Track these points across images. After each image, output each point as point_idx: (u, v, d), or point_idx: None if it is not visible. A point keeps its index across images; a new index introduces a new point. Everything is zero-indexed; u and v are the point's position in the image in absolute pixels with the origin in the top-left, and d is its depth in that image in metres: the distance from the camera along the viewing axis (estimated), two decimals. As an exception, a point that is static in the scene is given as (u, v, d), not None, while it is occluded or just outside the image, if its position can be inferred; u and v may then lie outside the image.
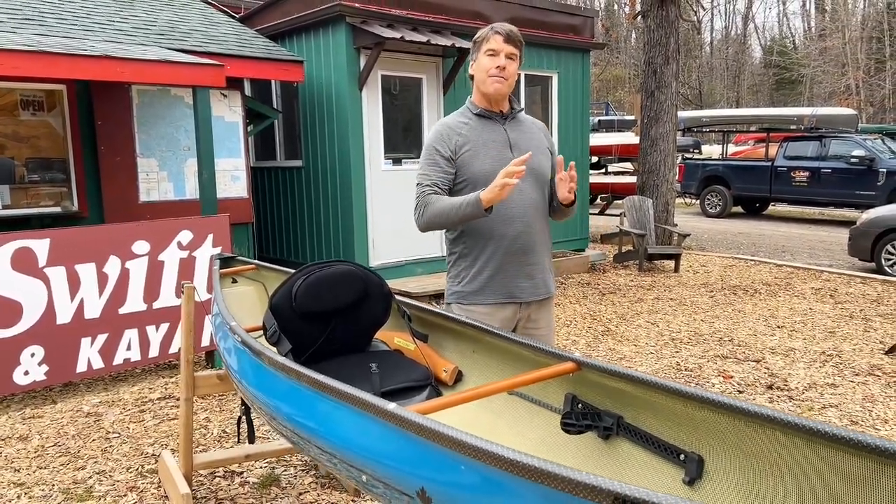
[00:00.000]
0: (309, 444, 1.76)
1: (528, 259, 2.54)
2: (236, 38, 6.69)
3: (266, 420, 2.15)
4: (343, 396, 1.56)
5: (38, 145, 5.80)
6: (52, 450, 3.69)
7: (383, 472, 1.46)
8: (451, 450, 1.30)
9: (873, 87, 27.56)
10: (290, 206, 7.92)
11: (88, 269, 4.40)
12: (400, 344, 2.64)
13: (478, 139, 2.55)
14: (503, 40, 2.45)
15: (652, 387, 1.56)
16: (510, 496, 1.18)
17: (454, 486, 1.29)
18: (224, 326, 2.47)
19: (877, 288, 7.95)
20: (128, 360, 4.61)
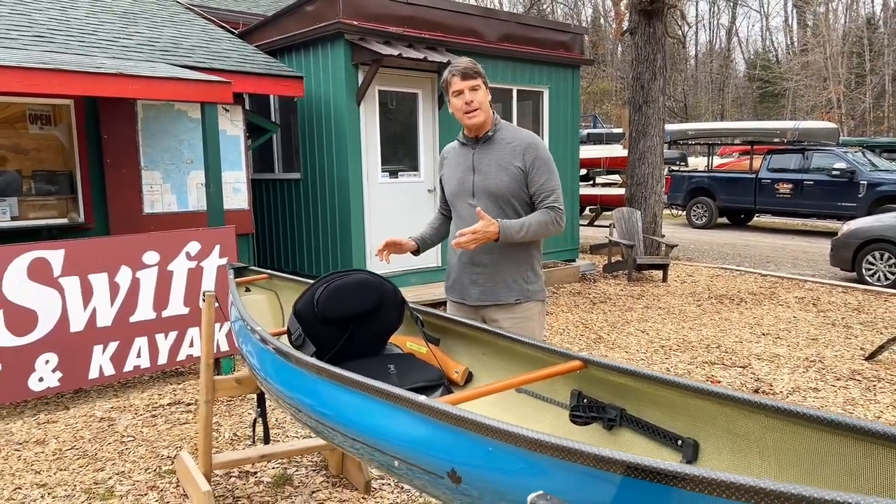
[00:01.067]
0: (339, 435, 1.93)
1: (476, 269, 2.87)
2: (238, 55, 6.87)
3: (291, 413, 2.33)
4: (378, 392, 1.74)
5: (45, 158, 5.94)
6: (69, 453, 3.83)
7: (415, 457, 1.64)
8: (479, 434, 1.48)
9: (854, 100, 28.18)
10: (288, 217, 8.08)
11: (101, 279, 4.54)
12: (412, 347, 2.82)
13: (451, 164, 3.00)
14: (461, 79, 2.72)
15: (652, 381, 1.75)
16: (534, 471, 1.36)
17: (482, 465, 1.47)
18: (249, 331, 2.64)
19: (858, 297, 8.22)
20: (137, 367, 4.75)
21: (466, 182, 2.87)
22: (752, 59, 39.52)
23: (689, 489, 1.15)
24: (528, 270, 2.87)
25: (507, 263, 2.83)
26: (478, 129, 2.82)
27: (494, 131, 2.85)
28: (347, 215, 7.19)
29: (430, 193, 7.89)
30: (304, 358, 2.06)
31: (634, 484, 1.22)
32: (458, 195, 2.91)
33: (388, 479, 3.50)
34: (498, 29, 8.31)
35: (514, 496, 1.40)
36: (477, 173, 2.84)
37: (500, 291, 2.83)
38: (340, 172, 7.21)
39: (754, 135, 17.61)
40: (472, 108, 2.72)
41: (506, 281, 2.83)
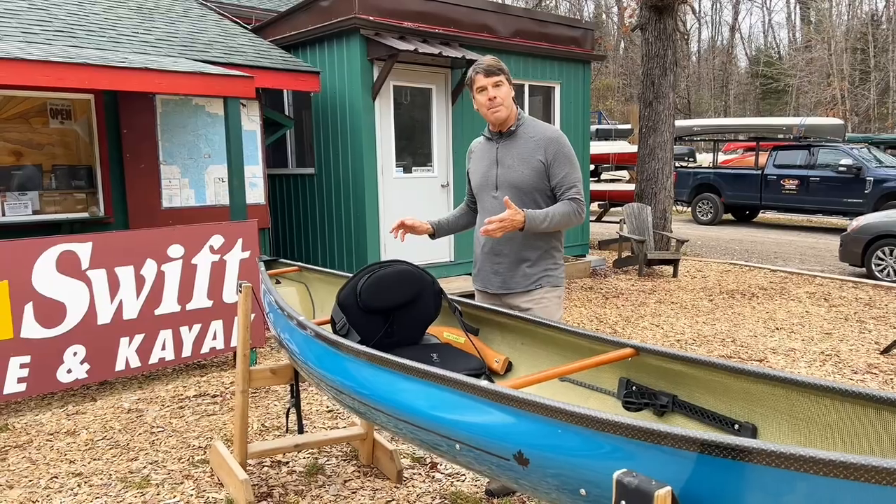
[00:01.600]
0: (393, 419, 1.97)
1: (497, 258, 3.02)
2: (254, 50, 6.90)
3: (333, 397, 2.37)
4: (441, 380, 1.79)
5: (64, 153, 5.97)
6: (101, 443, 3.88)
7: (479, 441, 1.69)
8: (547, 417, 1.53)
9: (858, 97, 28.19)
10: (302, 212, 8.12)
11: (127, 272, 4.59)
12: (449, 338, 2.86)
13: (477, 158, 3.14)
14: (484, 76, 2.87)
15: (707, 366, 1.79)
16: (604, 451, 1.41)
17: (551, 447, 1.52)
18: (294, 323, 2.68)
19: (868, 292, 8.26)
20: (162, 360, 4.80)
21: (490, 175, 3.00)
22: (755, 55, 39.52)
23: (763, 463, 1.18)
24: (548, 260, 3.00)
25: (528, 253, 2.96)
26: (501, 123, 2.94)
27: (517, 126, 2.96)
28: (362, 210, 7.23)
29: (444, 188, 7.93)
30: (363, 349, 2.09)
31: (710, 460, 1.26)
32: (483, 188, 3.03)
33: (419, 468, 3.54)
34: (511, 24, 8.33)
35: (585, 475, 1.44)
36: (500, 166, 2.96)
37: (519, 280, 2.96)
38: (355, 167, 7.24)
39: (760, 131, 17.65)
40: (495, 104, 2.86)
41: (525, 271, 2.95)
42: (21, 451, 3.79)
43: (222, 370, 5.20)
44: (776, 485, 1.18)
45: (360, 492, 3.31)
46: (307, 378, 2.73)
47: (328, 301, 3.74)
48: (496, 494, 3.25)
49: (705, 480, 1.24)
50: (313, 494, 3.27)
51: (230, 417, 4.24)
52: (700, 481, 1.24)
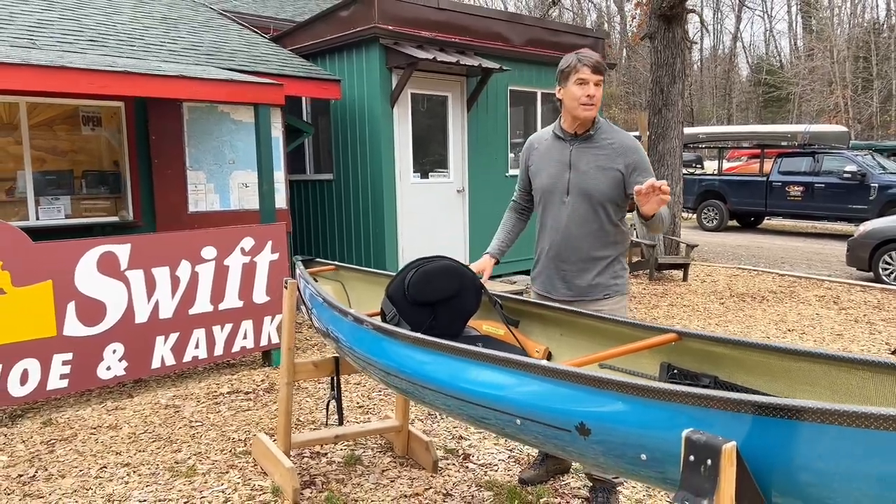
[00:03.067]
0: (450, 399, 2.11)
1: (564, 265, 2.99)
2: (276, 58, 7.08)
3: (382, 380, 2.52)
4: (503, 361, 1.94)
5: (95, 159, 6.15)
6: (143, 436, 4.02)
7: (541, 415, 1.83)
8: (608, 390, 1.68)
9: (861, 105, 28.42)
10: (320, 217, 8.28)
11: (163, 273, 4.74)
12: (489, 330, 3.01)
13: (544, 157, 3.06)
14: (591, 70, 2.80)
15: (748, 347, 1.94)
16: (664, 418, 1.55)
17: (612, 417, 1.66)
18: (340, 314, 2.83)
19: (876, 295, 8.40)
20: (195, 358, 4.95)
21: (562, 179, 2.93)
22: (758, 63, 39.80)
23: (814, 421, 1.33)
24: (616, 267, 3.00)
25: (597, 261, 2.95)
26: (582, 124, 2.89)
27: (595, 130, 2.91)
28: (381, 214, 7.39)
29: (459, 193, 8.09)
30: (425, 338, 2.23)
31: (765, 421, 1.40)
32: (552, 191, 2.98)
33: (453, 459, 3.68)
34: (523, 33, 8.52)
35: (645, 441, 1.59)
36: (574, 171, 2.91)
37: (588, 290, 2.96)
38: (374, 173, 7.41)
39: (765, 138, 17.80)
40: (592, 101, 2.79)
41: (594, 279, 2.95)
42: (67, 443, 3.93)
43: (252, 369, 5.34)
44: (826, 440, 1.33)
45: (398, 480, 3.45)
46: (358, 367, 2.87)
47: (363, 297, 3.89)
48: (529, 482, 3.38)
49: (762, 438, 1.39)
50: (354, 483, 3.42)
51: (265, 413, 4.39)
52: (757, 439, 1.38)
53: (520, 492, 3.30)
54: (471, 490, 3.35)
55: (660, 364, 2.29)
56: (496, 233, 3.36)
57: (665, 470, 1.58)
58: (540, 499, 3.25)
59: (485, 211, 8.27)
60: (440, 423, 4.21)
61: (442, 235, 7.93)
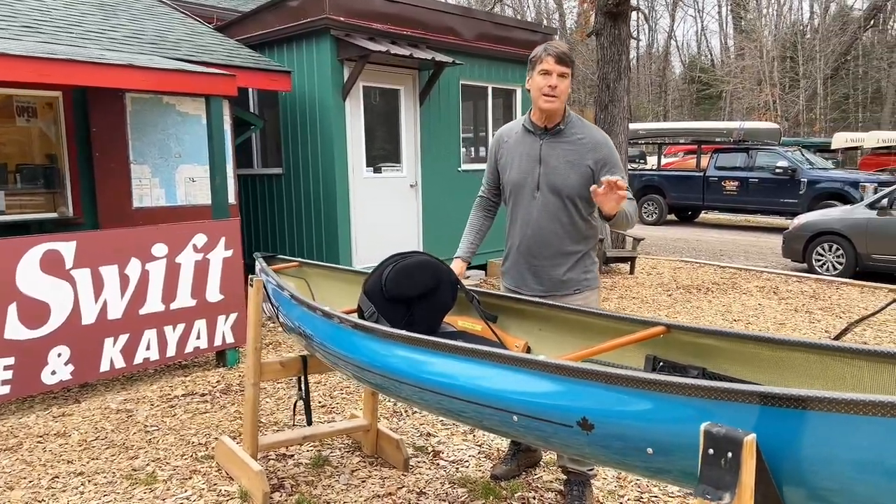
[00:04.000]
0: (440, 397, 2.07)
1: (536, 261, 2.96)
2: (223, 49, 6.85)
3: (357, 379, 2.46)
4: (499, 358, 1.90)
5: (33, 151, 5.82)
6: (96, 443, 3.83)
7: (539, 411, 1.81)
8: (612, 384, 1.66)
9: (788, 103, 29.67)
10: (269, 212, 8.08)
11: (111, 271, 4.52)
12: (465, 326, 2.98)
13: (514, 151, 3.00)
14: (555, 61, 2.74)
15: (738, 338, 1.97)
16: (671, 411, 1.55)
17: (616, 412, 1.65)
18: (316, 313, 2.74)
19: (812, 286, 8.76)
20: (147, 360, 4.75)
21: (532, 174, 2.90)
22: (691, 61, 41.02)
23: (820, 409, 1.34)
24: (587, 261, 3.00)
25: (568, 256, 2.93)
26: (548, 117, 2.84)
27: (566, 124, 2.87)
28: (333, 210, 7.26)
29: (412, 188, 8.03)
30: (411, 335, 2.18)
31: (772, 412, 1.41)
32: (522, 186, 2.94)
33: (423, 456, 3.64)
34: (475, 28, 8.50)
35: (651, 435, 1.59)
36: (544, 166, 2.87)
37: (560, 285, 2.94)
38: (326, 167, 7.27)
39: (702, 134, 18.36)
40: (553, 92, 2.74)
41: (565, 274, 2.93)
42: (12, 453, 3.71)
43: (206, 370, 5.16)
44: (836, 429, 1.35)
45: (369, 480, 3.39)
46: (329, 364, 2.79)
47: (328, 294, 3.80)
48: (502, 478, 3.37)
49: (774, 429, 1.40)
50: (324, 484, 3.33)
51: (224, 415, 4.25)
52: (770, 430, 1.39)
53: (493, 487, 3.29)
54: (444, 488, 3.32)
55: (644, 357, 2.30)
56: (464, 233, 3.27)
57: (672, 463, 1.58)
58: (514, 493, 3.24)
59: (438, 206, 8.24)
60: (406, 421, 4.16)
61: (395, 230, 7.85)
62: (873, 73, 32.24)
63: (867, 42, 32.06)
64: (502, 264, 3.18)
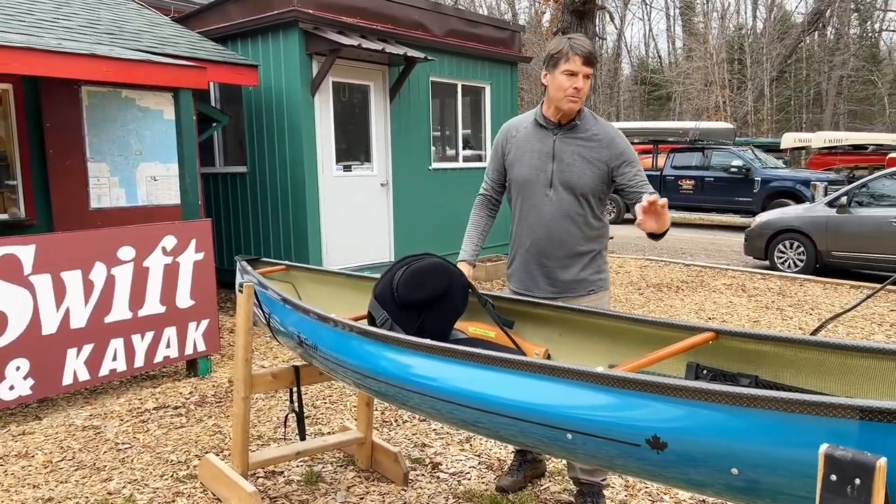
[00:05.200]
0: (478, 413, 1.90)
1: (548, 261, 2.82)
2: (185, 41, 6.52)
3: (388, 400, 2.26)
4: (548, 370, 1.74)
5: (-22, 148, 5.40)
6: (63, 464, 3.52)
7: (600, 428, 1.65)
8: (687, 398, 1.52)
9: (736, 104, 30.42)
10: (233, 213, 7.75)
11: (74, 277, 4.19)
12: (476, 332, 2.80)
13: (524, 146, 2.85)
14: (582, 62, 2.59)
15: (799, 344, 1.85)
16: (767, 430, 1.41)
17: (695, 428, 1.51)
18: (316, 320, 2.53)
19: (776, 282, 8.89)
20: (113, 371, 4.42)
21: (545, 170, 2.76)
22: (641, 63, 41.71)
23: None
24: (599, 261, 2.86)
25: (581, 256, 2.81)
26: (561, 115, 2.72)
27: (580, 120, 2.75)
28: (302, 210, 6.99)
29: (383, 187, 7.81)
30: (446, 346, 1.99)
31: (874, 427, 1.28)
32: (533, 183, 2.80)
33: (421, 469, 3.45)
34: (444, 24, 8.34)
35: (739, 454, 1.44)
36: (557, 162, 2.74)
37: (572, 285, 2.81)
38: (294, 166, 7.00)
39: (658, 134, 18.60)
40: (578, 95, 2.61)
41: (578, 275, 2.81)
42: (-31, 478, 3.37)
43: (176, 380, 4.86)
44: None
45: (367, 497, 3.18)
46: (328, 372, 2.59)
47: (317, 299, 3.58)
48: (508, 490, 3.22)
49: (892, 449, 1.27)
50: (320, 503, 3.12)
51: (202, 429, 3.97)
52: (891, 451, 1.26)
53: (501, 500, 3.13)
54: (448, 503, 3.14)
55: (686, 364, 2.17)
56: (467, 234, 3.08)
57: (762, 484, 1.44)
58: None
59: (409, 205, 8.04)
60: (398, 431, 3.96)
61: (366, 231, 7.62)
62: (814, 76, 33.36)
63: (810, 46, 33.16)
64: (508, 266, 3.02)
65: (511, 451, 3.61)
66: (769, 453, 1.39)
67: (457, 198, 8.71)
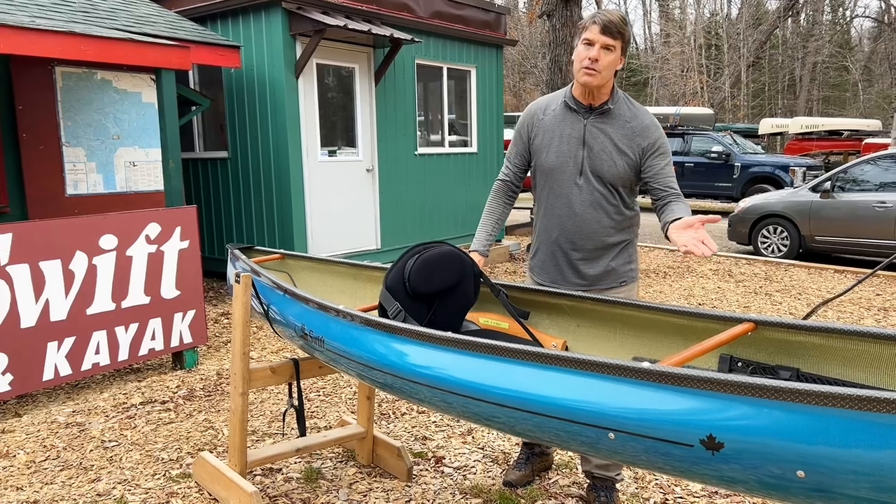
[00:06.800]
0: (517, 412, 1.78)
1: (577, 253, 2.66)
2: (164, 20, 6.26)
3: (396, 393, 2.14)
4: (587, 365, 1.62)
5: (-54, 131, 5.13)
6: (47, 464, 3.34)
7: (648, 427, 1.54)
8: (747, 395, 1.41)
9: (714, 90, 30.58)
10: (214, 199, 7.52)
11: (54, 267, 3.99)
12: (488, 323, 2.69)
13: (553, 131, 2.65)
14: (599, 30, 2.40)
15: (845, 335, 1.75)
16: (836, 428, 1.31)
17: (756, 428, 1.40)
18: (324, 312, 2.39)
19: (761, 267, 8.90)
20: (96, 365, 4.23)
21: (574, 158, 2.58)
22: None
23: None
24: (629, 251, 2.74)
25: (612, 247, 2.67)
26: (593, 94, 2.53)
27: (614, 103, 2.56)
28: (287, 196, 6.80)
29: (369, 173, 7.64)
30: (473, 339, 1.87)
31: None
32: (561, 170, 2.62)
33: (424, 464, 3.34)
34: (429, 5, 8.15)
35: (806, 455, 1.35)
36: (588, 149, 2.56)
37: (602, 277, 2.67)
38: (278, 151, 6.79)
39: (638, 120, 18.56)
40: (593, 66, 2.42)
41: (609, 265, 2.67)
42: (-54, 481, 3.18)
43: (161, 373, 4.68)
44: None
45: (371, 494, 3.06)
46: (332, 364, 2.46)
47: (314, 289, 3.44)
48: (516, 484, 3.11)
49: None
50: (322, 501, 2.99)
51: (192, 425, 3.81)
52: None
53: (510, 495, 3.02)
54: (456, 499, 3.03)
55: (719, 356, 2.07)
56: (481, 223, 2.89)
57: (831, 489, 1.34)
58: (534, 502, 2.99)
59: (395, 191, 7.88)
60: (397, 423, 3.84)
61: (352, 217, 7.45)
62: (789, 62, 33.64)
63: (784, 33, 33.41)
64: (531, 258, 2.86)
65: (516, 444, 3.51)
66: (845, 456, 1.29)
67: (443, 184, 8.57)
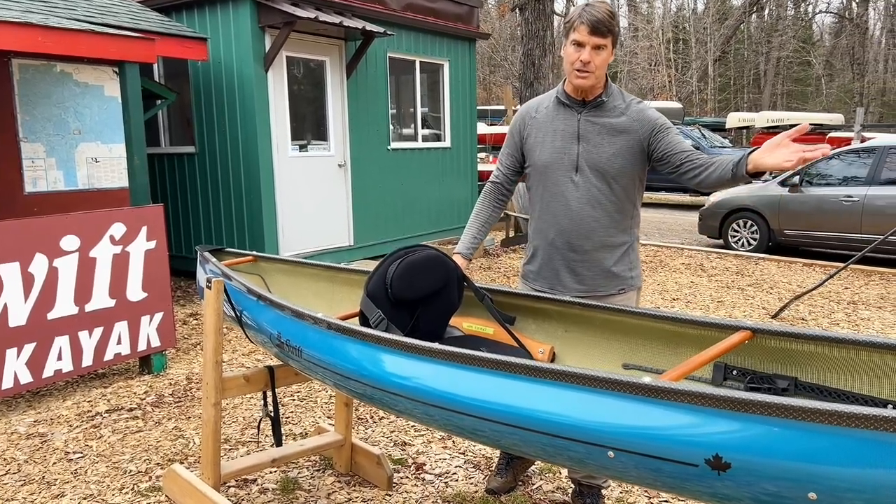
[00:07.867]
0: (510, 428, 1.70)
1: (575, 255, 2.55)
2: (126, 11, 6.03)
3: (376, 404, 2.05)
4: (586, 381, 1.55)
5: None
6: (7, 479, 3.17)
7: (650, 446, 1.47)
8: (756, 413, 1.35)
9: (682, 84, 30.89)
10: (180, 195, 7.31)
11: (12, 270, 3.80)
12: (472, 329, 2.60)
13: (547, 127, 2.56)
14: (588, 31, 2.30)
15: (846, 344, 1.70)
16: (851, 448, 1.25)
17: (765, 447, 1.34)
18: (300, 320, 2.29)
19: (733, 261, 8.97)
20: (59, 372, 4.05)
21: (569, 152, 2.47)
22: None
23: None
24: (631, 255, 2.61)
25: (612, 249, 2.54)
26: (584, 91, 2.45)
27: (608, 95, 2.46)
28: (256, 192, 6.63)
29: (340, 168, 7.49)
30: (462, 352, 1.78)
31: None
32: (555, 167, 2.51)
33: (404, 471, 3.25)
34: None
35: (818, 477, 1.29)
36: (583, 143, 2.46)
37: (602, 282, 2.55)
38: (247, 145, 6.62)
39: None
40: (585, 68, 2.33)
41: (610, 271, 2.55)
42: None
43: (128, 379, 4.51)
44: None
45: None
46: (307, 373, 2.36)
47: (288, 292, 3.32)
48: (499, 491, 3.04)
49: None
50: (300, 514, 2.88)
51: (161, 434, 3.67)
52: None
53: (492, 503, 2.95)
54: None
55: (713, 364, 2.01)
56: (468, 225, 2.76)
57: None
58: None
59: (368, 187, 7.75)
60: (375, 429, 3.74)
61: (324, 214, 7.31)
62: (753, 57, 34.11)
63: (750, 28, 33.87)
64: (527, 263, 2.73)
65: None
66: (861, 477, 1.23)
67: (417, 179, 8.47)
